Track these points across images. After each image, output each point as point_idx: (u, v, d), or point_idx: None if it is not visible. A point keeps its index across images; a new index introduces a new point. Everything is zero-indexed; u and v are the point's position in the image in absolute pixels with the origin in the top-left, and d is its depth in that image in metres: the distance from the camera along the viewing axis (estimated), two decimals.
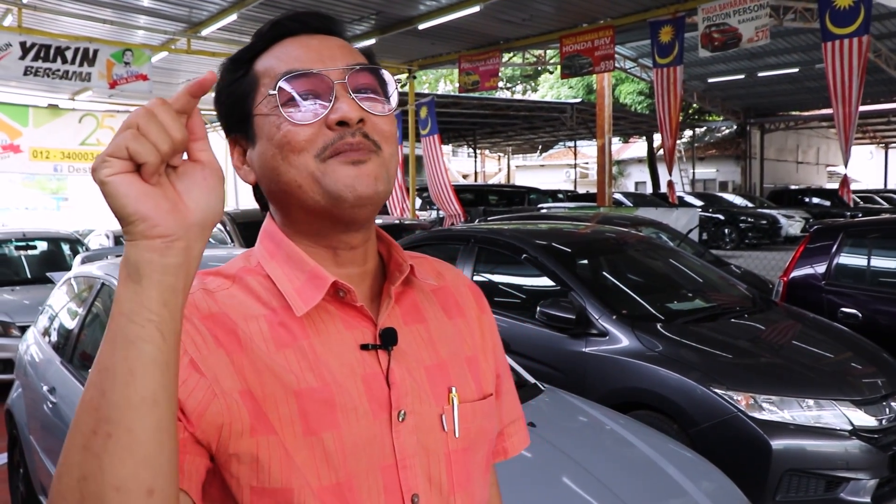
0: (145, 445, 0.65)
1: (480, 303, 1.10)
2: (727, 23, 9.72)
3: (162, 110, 0.66)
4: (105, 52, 11.28)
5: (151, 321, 0.65)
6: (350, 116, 0.86)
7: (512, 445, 1.13)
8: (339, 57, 0.90)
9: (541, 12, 12.06)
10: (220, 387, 0.82)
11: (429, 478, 0.91)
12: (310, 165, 0.86)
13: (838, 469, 3.56)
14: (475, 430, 0.97)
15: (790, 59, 20.45)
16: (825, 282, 5.75)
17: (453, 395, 0.95)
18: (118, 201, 0.64)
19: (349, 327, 0.91)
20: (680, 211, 11.75)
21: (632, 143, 38.56)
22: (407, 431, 0.90)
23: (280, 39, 0.93)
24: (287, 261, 0.92)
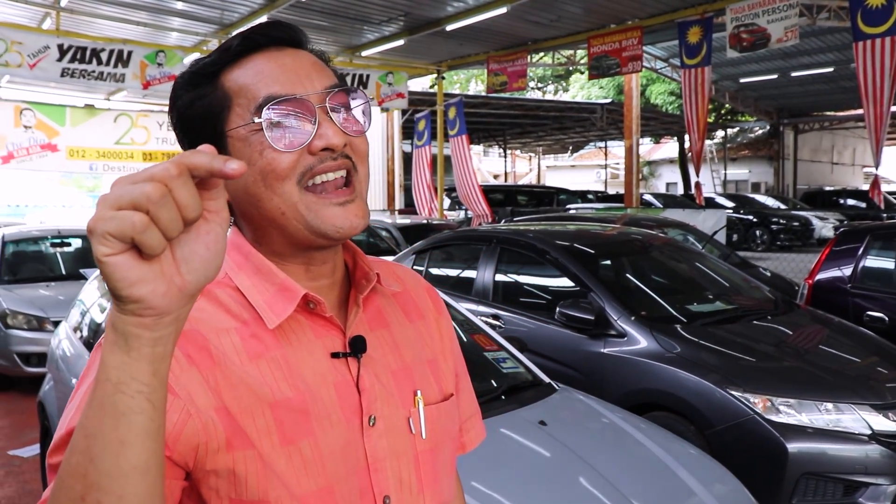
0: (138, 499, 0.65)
1: (438, 305, 1.12)
2: (756, 23, 9.63)
3: (182, 188, 0.60)
4: (139, 54, 11.51)
5: (142, 392, 0.63)
6: (335, 143, 0.87)
7: (469, 440, 1.18)
8: (316, 77, 0.90)
9: (568, 13, 12.05)
10: (194, 406, 0.82)
11: (399, 479, 0.94)
12: (294, 195, 0.87)
13: (857, 473, 3.54)
14: (441, 430, 1.00)
15: (825, 59, 20.14)
16: (851, 285, 5.69)
17: (419, 398, 0.98)
18: (113, 283, 0.60)
19: (319, 336, 0.92)
20: (707, 212, 11.66)
21: (663, 143, 38.23)
22: (377, 435, 0.92)
23: (247, 54, 0.91)
24: (256, 272, 0.92)
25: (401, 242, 10.52)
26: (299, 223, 0.89)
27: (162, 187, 0.58)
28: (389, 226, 11.69)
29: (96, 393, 0.63)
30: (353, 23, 12.67)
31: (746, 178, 33.44)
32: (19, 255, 8.54)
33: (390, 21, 12.61)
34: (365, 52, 14.54)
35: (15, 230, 9.10)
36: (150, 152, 16.54)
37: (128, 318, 0.62)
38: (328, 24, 12.69)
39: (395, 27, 13.06)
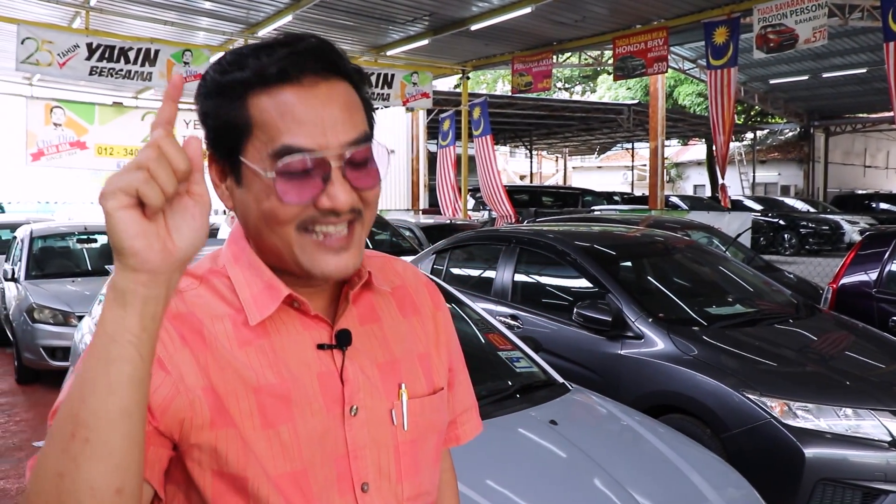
0: (118, 451, 0.72)
1: (436, 300, 1.15)
2: (783, 23, 9.49)
3: (169, 145, 0.71)
4: (165, 53, 11.62)
5: (132, 343, 0.71)
6: (342, 208, 0.89)
7: (464, 433, 1.21)
8: (341, 126, 0.89)
9: (594, 13, 11.98)
10: (183, 384, 0.89)
11: (378, 468, 0.97)
12: (290, 237, 0.91)
13: (876, 481, 3.48)
14: (424, 423, 1.03)
15: (857, 60, 19.82)
16: (876, 289, 5.61)
17: (402, 391, 1.01)
18: (117, 234, 0.70)
19: (307, 328, 0.97)
20: (732, 215, 11.54)
21: (691, 145, 37.89)
22: (358, 425, 0.96)
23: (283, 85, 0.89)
24: (249, 267, 0.97)
25: (423, 242, 10.53)
26: (292, 260, 0.93)
27: (157, 153, 0.70)
28: (412, 225, 11.71)
29: (93, 342, 0.72)
30: (379, 22, 12.70)
31: (776, 181, 33.03)
32: (47, 250, 8.68)
33: (415, 21, 12.62)
34: (390, 52, 14.57)
35: (43, 226, 9.24)
36: None
37: (127, 274, 0.71)
38: (353, 24, 12.73)
39: (420, 27, 13.07)
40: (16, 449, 5.48)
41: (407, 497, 1.01)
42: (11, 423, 6.12)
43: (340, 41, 13.98)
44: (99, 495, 0.71)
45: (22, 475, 4.96)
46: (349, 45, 14.31)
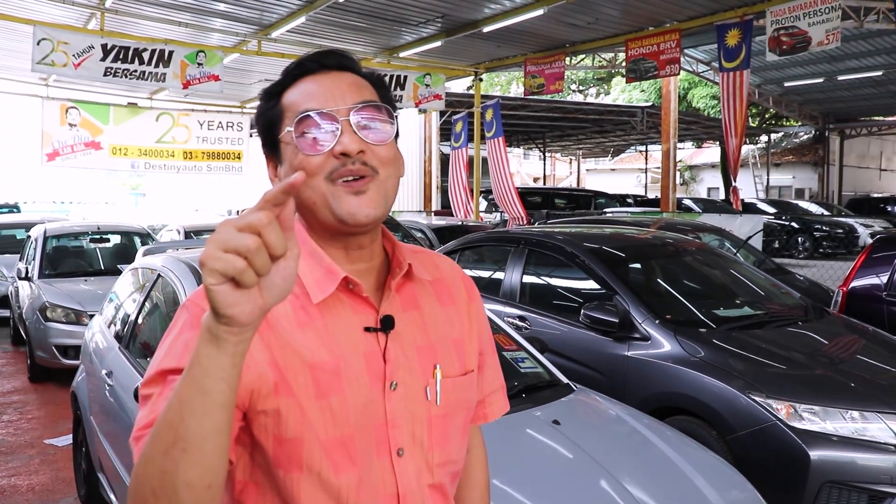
0: (209, 459, 0.87)
1: (471, 293, 1.30)
2: (796, 26, 9.44)
3: (271, 233, 0.79)
4: (179, 54, 11.71)
5: (223, 378, 0.84)
6: (350, 149, 1.07)
7: (492, 412, 1.36)
8: (348, 94, 1.11)
9: (606, 15, 11.96)
10: (252, 360, 1.02)
11: (413, 436, 1.12)
12: (321, 187, 1.08)
13: (882, 483, 3.46)
14: (454, 400, 1.18)
15: (873, 62, 19.69)
16: (887, 292, 5.58)
17: (437, 371, 1.16)
18: (213, 304, 0.80)
19: (356, 312, 1.12)
20: (744, 217, 11.48)
21: (705, 148, 37.72)
22: (397, 399, 1.11)
23: (302, 77, 1.14)
24: (309, 256, 1.12)
25: (434, 243, 10.54)
26: (327, 209, 1.10)
27: (257, 239, 0.78)
28: (424, 227, 11.73)
29: (190, 372, 0.84)
30: (391, 24, 12.73)
31: (790, 184, 32.82)
32: (60, 249, 8.77)
33: (428, 22, 12.64)
34: (403, 54, 14.61)
35: (56, 225, 9.34)
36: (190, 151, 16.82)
37: (221, 326, 0.82)
38: (366, 25, 12.77)
39: (433, 28, 13.10)
40: (27, 446, 5.54)
41: (437, 463, 1.15)
42: (24, 421, 6.19)
43: (353, 42, 14.03)
44: (194, 490, 0.86)
45: (33, 472, 5.02)
46: (362, 47, 14.35)
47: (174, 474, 0.85)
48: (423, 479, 1.14)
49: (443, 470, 1.17)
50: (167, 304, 3.76)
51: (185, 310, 1.08)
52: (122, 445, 3.54)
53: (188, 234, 12.37)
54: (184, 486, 0.86)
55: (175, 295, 3.49)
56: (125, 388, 3.55)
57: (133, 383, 3.40)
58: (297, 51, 13.73)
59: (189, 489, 0.86)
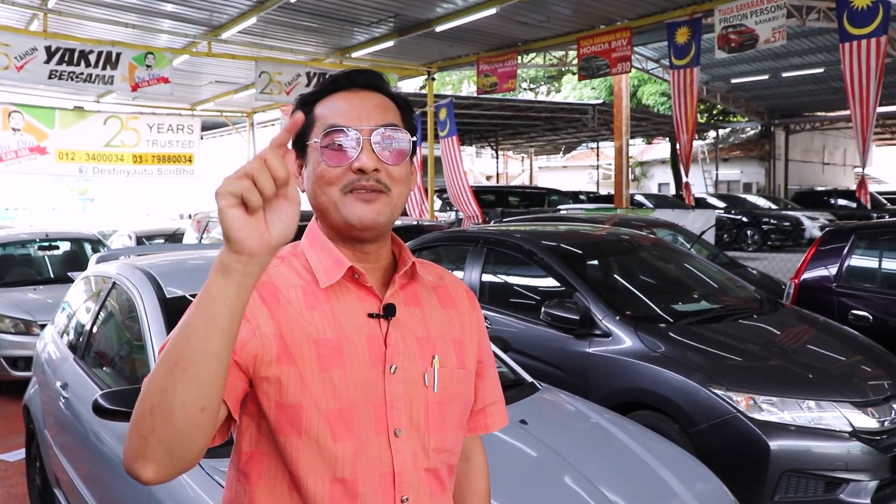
0: (206, 381, 0.95)
1: (473, 303, 1.41)
2: (744, 24, 9.64)
3: (273, 158, 0.92)
4: (127, 56, 11.45)
5: (227, 306, 0.94)
6: (366, 166, 1.19)
7: (493, 422, 1.44)
8: (373, 115, 1.23)
9: (558, 14, 12.05)
10: (259, 330, 1.15)
11: (410, 418, 1.21)
12: (335, 196, 1.21)
13: (838, 470, 3.56)
14: (451, 390, 1.27)
15: (815, 59, 20.20)
16: (836, 284, 5.72)
17: (436, 360, 1.26)
18: (225, 226, 0.91)
19: (361, 300, 1.24)
20: (696, 212, 11.68)
21: (655, 144, 38.30)
22: (396, 381, 1.21)
23: (335, 92, 1.26)
24: (322, 248, 1.26)
25: None
26: (337, 216, 1.22)
27: (261, 161, 0.92)
28: None
29: (199, 300, 0.95)
30: (343, 24, 12.64)
31: (738, 179, 33.51)
32: (7, 258, 8.52)
33: (380, 22, 12.59)
34: (355, 54, 14.51)
35: (2, 233, 9.06)
36: (140, 154, 16.51)
37: (231, 254, 0.93)
38: (317, 26, 12.66)
39: (385, 28, 13.04)
40: None
41: (432, 448, 1.24)
42: None
43: (305, 43, 13.89)
44: (188, 409, 0.96)
45: None
46: (314, 48, 14.23)
47: (172, 392, 0.95)
48: (419, 462, 1.22)
49: (439, 456, 1.25)
50: (123, 313, 3.67)
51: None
52: (80, 458, 3.45)
53: (140, 240, 12.14)
54: (179, 405, 0.95)
55: (131, 303, 3.41)
56: (82, 400, 3.46)
57: (91, 395, 3.31)
58: (248, 52, 13.56)
59: (184, 409, 0.95)
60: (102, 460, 3.11)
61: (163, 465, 0.98)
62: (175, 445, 0.97)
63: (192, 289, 3.34)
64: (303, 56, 14.25)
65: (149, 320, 3.12)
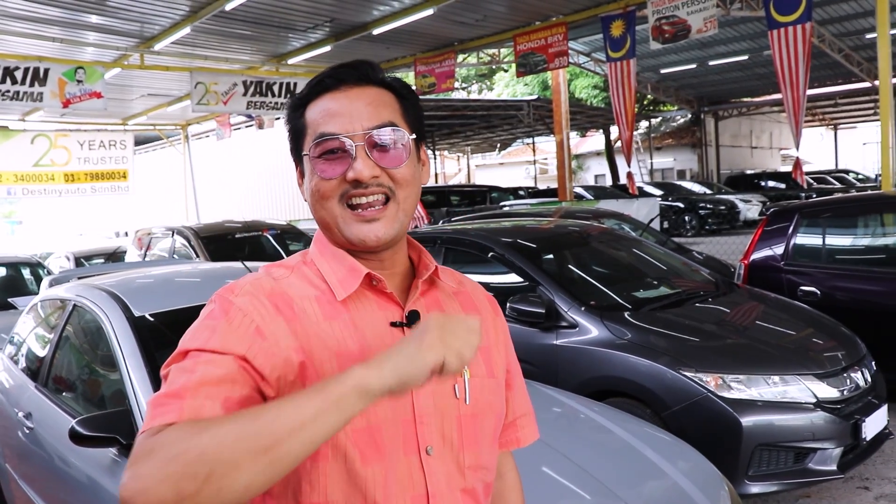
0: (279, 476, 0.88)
1: (496, 309, 1.33)
2: (676, 15, 9.90)
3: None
4: (56, 71, 11.12)
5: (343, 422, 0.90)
6: (362, 176, 1.09)
7: (524, 436, 1.36)
8: (365, 116, 1.11)
9: (494, 12, 12.16)
10: (278, 346, 1.05)
11: (442, 434, 1.12)
12: (335, 210, 1.12)
13: (805, 440, 3.69)
14: (483, 401, 1.18)
15: (739, 47, 20.86)
16: (784, 262, 5.91)
17: (465, 370, 1.15)
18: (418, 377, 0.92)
19: (382, 308, 1.14)
20: (640, 201, 11.94)
21: (589, 136, 38.92)
22: (425, 395, 1.11)
23: (323, 93, 1.14)
24: (333, 257, 1.16)
25: None
26: (338, 232, 1.13)
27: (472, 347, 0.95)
28: None
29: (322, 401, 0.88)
30: (278, 31, 12.52)
31: (672, 166, 34.33)
32: None
33: (316, 28, 12.50)
34: (291, 60, 14.39)
35: None
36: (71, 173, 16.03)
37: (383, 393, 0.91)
38: (252, 34, 12.50)
39: (321, 33, 12.96)
40: None
41: (468, 465, 1.14)
42: None
43: (240, 51, 13.70)
44: (247, 493, 0.86)
45: None
46: (248, 56, 14.04)
47: (245, 472, 0.85)
48: (454, 482, 1.12)
49: (475, 475, 1.15)
50: (88, 334, 3.57)
51: (214, 302, 1.10)
52: (50, 489, 3.34)
53: (79, 261, 11.78)
54: (242, 487, 0.85)
55: (98, 324, 3.31)
56: (51, 428, 3.35)
57: (61, 423, 3.21)
58: (182, 63, 13.30)
59: (246, 491, 0.86)
60: (76, 489, 3.02)
61: None
62: None
63: (157, 307, 3.27)
64: (238, 65, 14.07)
65: (119, 341, 3.04)
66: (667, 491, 2.60)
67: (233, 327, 1.03)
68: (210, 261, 8.06)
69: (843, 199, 6.92)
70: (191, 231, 9.24)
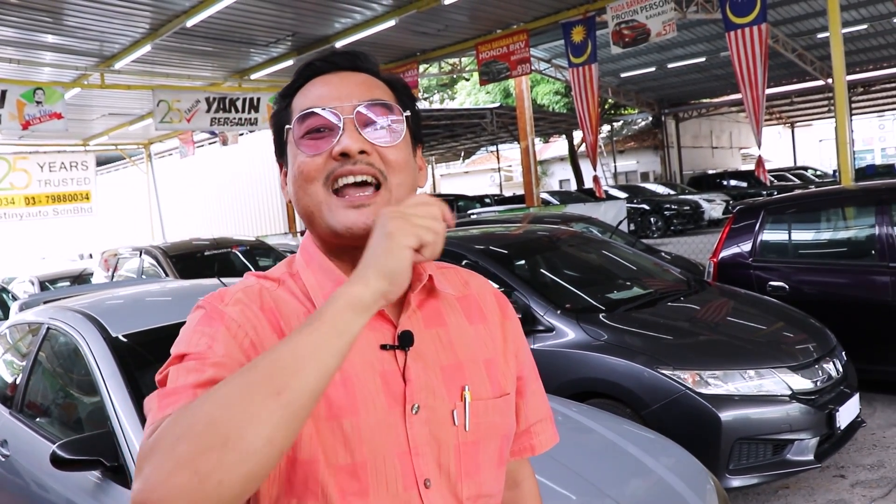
0: (300, 422, 0.81)
1: (505, 310, 1.19)
2: (635, 19, 10.06)
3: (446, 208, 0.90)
4: (14, 93, 10.94)
5: (349, 343, 0.84)
6: (350, 149, 0.99)
7: (539, 443, 1.24)
8: (356, 94, 1.03)
9: (455, 22, 12.24)
10: None
11: (439, 465, 1.01)
12: (319, 195, 1.01)
13: (783, 432, 3.76)
14: (486, 425, 1.06)
15: (696, 49, 21.22)
16: (752, 258, 6.02)
17: (466, 392, 1.05)
18: (398, 265, 0.86)
19: (372, 329, 1.01)
20: (607, 204, 12.07)
21: (552, 142, 39.24)
22: (420, 423, 1.00)
23: (313, 78, 1.07)
24: (319, 269, 1.06)
25: None
26: (322, 221, 1.02)
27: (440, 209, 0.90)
28: (295, 248, 11.52)
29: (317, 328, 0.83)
30: (240, 46, 12.47)
31: (635, 169, 34.74)
32: None
33: (278, 42, 12.47)
34: (254, 76, 14.33)
35: None
36: (32, 196, 15.77)
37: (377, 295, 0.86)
38: (213, 50, 12.43)
39: (283, 48, 12.93)
40: None
41: (467, 496, 1.03)
42: None
43: (202, 68, 13.61)
44: (272, 450, 0.78)
45: None
46: (210, 72, 13.96)
47: (263, 424, 0.77)
48: None
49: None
50: (64, 358, 3.52)
51: (201, 308, 1.02)
52: None
53: (43, 285, 11.57)
54: (265, 442, 0.77)
55: (74, 346, 3.27)
56: (28, 455, 3.29)
57: (39, 448, 3.15)
58: (144, 81, 13.17)
59: (269, 447, 0.77)
60: None
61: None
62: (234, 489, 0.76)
63: (134, 326, 3.24)
64: (200, 81, 13.97)
65: (98, 363, 3.00)
66: (653, 487, 2.64)
67: (231, 336, 0.96)
68: (179, 278, 7.97)
69: (807, 194, 7.07)
70: (159, 250, 9.14)
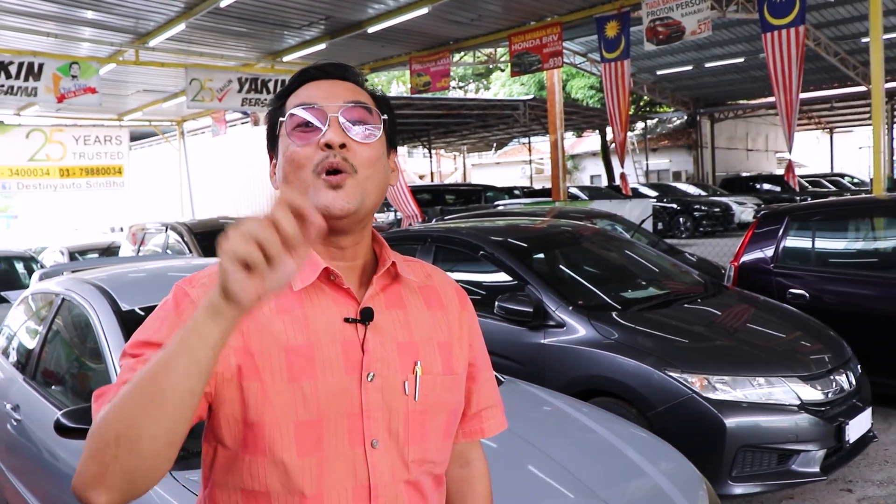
0: (179, 415, 0.92)
1: (463, 302, 1.33)
2: (671, 16, 9.93)
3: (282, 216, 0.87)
4: (51, 66, 11.11)
5: (211, 347, 0.91)
6: (333, 140, 1.12)
7: (489, 427, 1.37)
8: (341, 97, 1.17)
9: (489, 12, 12.18)
10: None
11: (388, 429, 1.15)
12: (307, 180, 1.13)
13: (789, 442, 3.71)
14: (434, 398, 1.20)
15: (735, 50, 20.91)
16: (773, 264, 5.94)
17: (418, 367, 1.19)
18: (225, 283, 0.87)
19: (337, 304, 1.16)
20: (633, 202, 11.97)
21: (585, 137, 38.97)
22: (374, 390, 1.14)
23: (306, 83, 1.21)
24: None
25: None
26: None
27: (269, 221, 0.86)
28: None
29: (183, 336, 0.91)
30: (274, 28, 12.52)
31: (667, 168, 34.38)
32: None
33: (311, 25, 12.51)
34: (286, 58, 14.39)
35: None
36: (67, 168, 16.02)
37: (224, 302, 0.89)
38: (248, 31, 12.50)
39: (317, 31, 12.97)
40: None
41: (412, 459, 1.17)
42: None
43: (235, 48, 13.71)
44: (157, 442, 0.92)
45: None
46: (244, 52, 14.05)
47: (144, 424, 0.91)
48: (397, 474, 1.16)
49: (420, 468, 1.19)
50: (76, 328, 3.58)
51: (171, 293, 1.14)
52: (38, 481, 3.36)
53: (73, 255, 11.77)
54: (149, 438, 0.91)
55: (86, 318, 3.33)
56: (38, 422, 3.36)
57: (47, 415, 3.22)
58: (178, 59, 13.29)
59: (153, 441, 0.92)
60: (63, 481, 3.03)
61: (119, 493, 0.94)
62: (136, 476, 0.94)
63: (145, 301, 3.28)
64: (233, 62, 14.07)
65: (106, 335, 3.05)
66: (647, 491, 2.63)
67: (181, 320, 1.06)
68: (203, 256, 8.07)
69: (833, 202, 6.96)
70: (184, 227, 9.26)
